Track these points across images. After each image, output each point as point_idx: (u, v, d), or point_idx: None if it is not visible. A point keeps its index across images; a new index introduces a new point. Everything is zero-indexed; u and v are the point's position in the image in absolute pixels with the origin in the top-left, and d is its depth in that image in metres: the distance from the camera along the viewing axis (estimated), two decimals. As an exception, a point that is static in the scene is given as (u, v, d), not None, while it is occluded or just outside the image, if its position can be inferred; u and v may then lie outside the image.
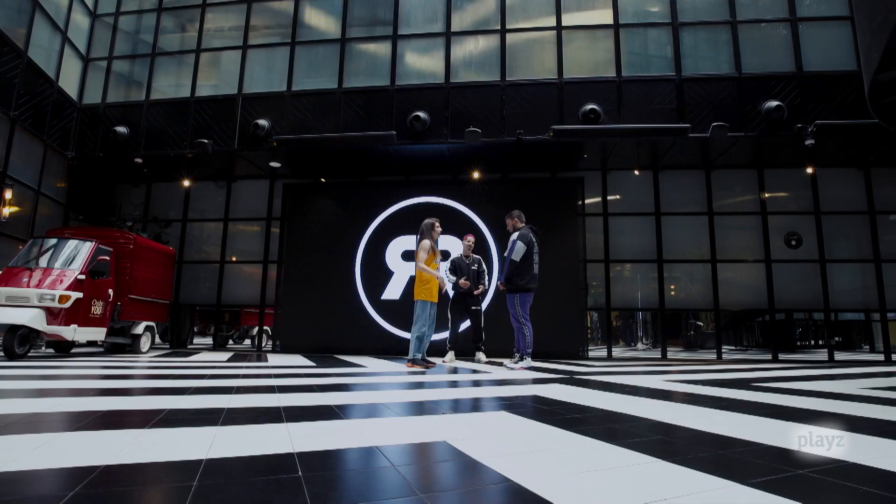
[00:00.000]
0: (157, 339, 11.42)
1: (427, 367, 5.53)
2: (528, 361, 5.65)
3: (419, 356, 5.68)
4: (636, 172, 9.17)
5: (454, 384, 4.06)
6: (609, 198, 9.21)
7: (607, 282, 8.89)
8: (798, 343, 14.40)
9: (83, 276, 6.40)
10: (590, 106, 7.85)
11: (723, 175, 9.10)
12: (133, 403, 2.69)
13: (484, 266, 7.11)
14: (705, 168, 9.09)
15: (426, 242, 5.75)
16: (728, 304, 8.79)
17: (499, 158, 8.79)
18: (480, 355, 6.85)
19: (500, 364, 6.28)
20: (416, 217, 7.47)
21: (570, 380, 4.39)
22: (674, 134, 7.67)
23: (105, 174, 9.88)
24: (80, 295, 6.31)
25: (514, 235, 5.90)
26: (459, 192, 9.12)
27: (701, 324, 14.84)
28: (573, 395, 3.23)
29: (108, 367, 5.24)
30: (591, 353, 8.74)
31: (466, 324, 7.19)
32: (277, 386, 3.59)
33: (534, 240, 5.93)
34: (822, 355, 10.49)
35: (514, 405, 2.79)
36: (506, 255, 5.86)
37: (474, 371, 5.35)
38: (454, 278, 6.88)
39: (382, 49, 8.84)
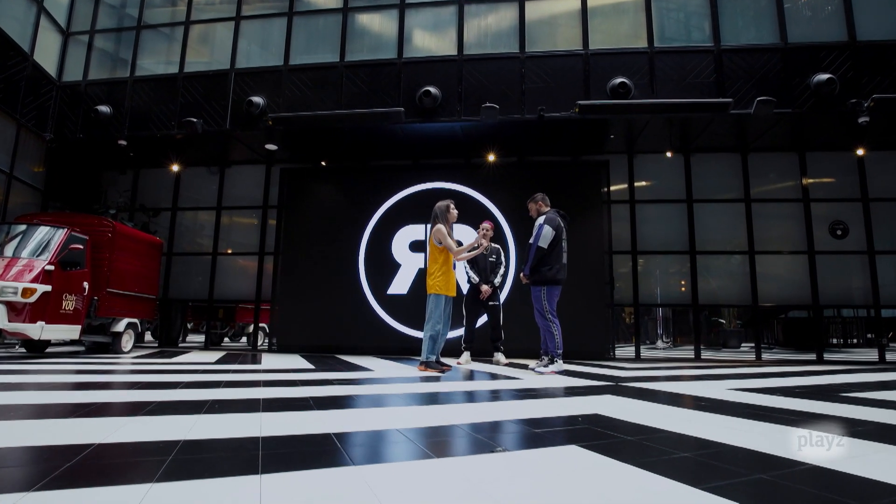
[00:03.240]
0: (149, 337, 10.72)
1: (442, 371, 4.79)
2: (560, 364, 4.89)
3: (433, 358, 4.92)
4: (668, 154, 8.36)
5: (484, 397, 3.32)
6: (636, 184, 8.41)
7: (634, 275, 8.11)
8: (829, 342, 13.59)
9: (52, 267, 5.66)
10: (619, 79, 7.06)
11: (760, 159, 8.29)
12: (55, 433, 1.93)
13: (503, 257, 6.38)
14: (741, 151, 8.28)
15: (441, 227, 4.98)
16: (767, 300, 8.01)
17: (516, 139, 8.01)
18: (500, 356, 6.11)
19: (524, 366, 5.54)
20: (425, 204, 6.67)
21: (618, 388, 3.64)
22: (713, 109, 6.87)
23: (88, 158, 9.13)
24: (49, 288, 5.57)
25: (541, 220, 5.14)
26: (473, 176, 8.35)
27: (723, 321, 14.06)
28: (645, 415, 2.47)
29: (73, 371, 4.51)
30: (616, 353, 7.98)
31: (482, 320, 6.45)
32: (263, 399, 2.85)
33: (562, 225, 5.18)
34: (865, 355, 9.72)
35: (580, 433, 2.04)
36: (531, 241, 5.10)
37: (497, 376, 4.60)
38: (472, 272, 6.15)
39: (388, 20, 8.04)
